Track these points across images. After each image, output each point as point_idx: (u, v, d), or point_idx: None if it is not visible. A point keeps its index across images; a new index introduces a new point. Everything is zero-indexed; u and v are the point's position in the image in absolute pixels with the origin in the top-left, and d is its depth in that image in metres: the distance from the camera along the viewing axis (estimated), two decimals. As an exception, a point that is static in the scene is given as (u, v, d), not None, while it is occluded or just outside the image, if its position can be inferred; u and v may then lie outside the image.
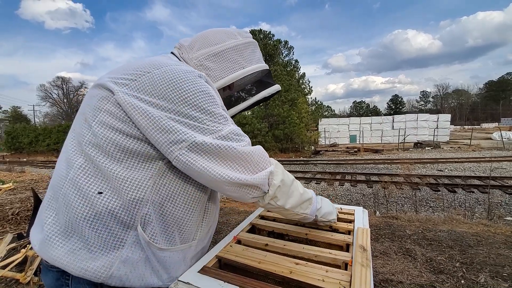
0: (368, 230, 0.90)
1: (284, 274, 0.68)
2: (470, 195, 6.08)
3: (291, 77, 20.22)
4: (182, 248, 0.72)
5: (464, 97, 68.98)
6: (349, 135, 25.29)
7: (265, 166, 0.70)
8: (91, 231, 0.62)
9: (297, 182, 0.81)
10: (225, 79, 0.84)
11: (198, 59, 0.83)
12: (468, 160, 11.07)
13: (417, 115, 25.19)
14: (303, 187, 0.83)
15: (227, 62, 0.84)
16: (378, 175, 8.65)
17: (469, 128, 44.11)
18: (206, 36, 0.86)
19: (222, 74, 0.84)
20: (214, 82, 0.82)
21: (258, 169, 0.69)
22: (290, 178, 0.77)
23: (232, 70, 0.85)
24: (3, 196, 4.35)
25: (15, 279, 2.13)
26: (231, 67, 0.85)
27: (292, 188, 0.77)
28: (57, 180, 0.68)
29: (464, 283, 2.01)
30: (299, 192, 0.79)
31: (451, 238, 2.78)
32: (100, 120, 0.63)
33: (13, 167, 15.29)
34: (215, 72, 0.83)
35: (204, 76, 0.72)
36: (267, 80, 0.99)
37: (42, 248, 0.67)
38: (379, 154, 15.19)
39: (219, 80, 0.83)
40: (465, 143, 19.70)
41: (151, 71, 0.65)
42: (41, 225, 0.69)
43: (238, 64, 0.86)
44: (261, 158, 0.70)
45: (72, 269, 0.64)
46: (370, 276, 0.64)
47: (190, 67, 0.73)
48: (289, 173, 0.79)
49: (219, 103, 0.70)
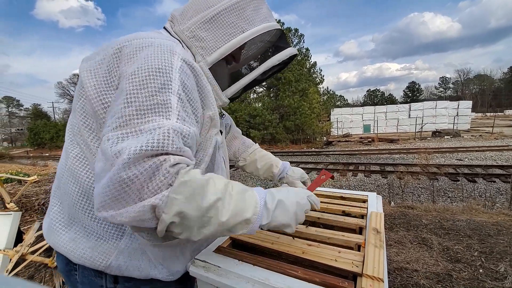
0: (382, 214, 0.90)
1: (297, 254, 0.69)
2: (491, 184, 5.83)
3: (302, 66, 19.83)
4: (176, 243, 0.68)
5: (487, 83, 65.24)
6: (362, 125, 24.66)
7: (142, 197, 0.48)
8: (91, 221, 0.65)
9: (223, 202, 0.55)
10: (221, 49, 0.70)
11: (190, 29, 0.71)
12: (490, 149, 10.57)
13: (435, 102, 24.12)
14: (240, 202, 0.58)
15: (223, 28, 0.70)
16: (393, 165, 8.45)
17: (491, 115, 41.90)
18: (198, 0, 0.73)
19: (216, 44, 0.70)
20: (208, 55, 0.70)
21: (127, 202, 0.48)
22: (203, 205, 0.52)
23: (229, 36, 0.70)
24: (29, 188, 4.62)
25: (44, 264, 2.29)
26: (227, 33, 0.70)
27: (204, 219, 0.53)
28: (59, 169, 0.72)
29: (482, 272, 1.96)
30: (221, 219, 0.54)
31: (469, 228, 2.71)
32: (80, 106, 0.64)
33: (37, 162, 16.15)
34: (209, 43, 0.70)
35: (183, 54, 0.62)
36: (278, 43, 0.82)
37: (48, 235, 0.71)
38: (394, 144, 14.77)
39: (213, 53, 0.70)
40: (486, 131, 18.77)
41: (120, 46, 0.62)
42: (48, 212, 0.73)
43: (236, 28, 0.70)
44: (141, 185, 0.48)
45: (73, 257, 0.67)
46: (383, 257, 0.64)
47: (171, 41, 0.64)
48: (215, 189, 0.55)
49: (175, 92, 0.56)
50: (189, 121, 0.58)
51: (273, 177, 1.17)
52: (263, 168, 1.17)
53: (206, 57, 0.70)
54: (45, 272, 2.38)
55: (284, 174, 1.14)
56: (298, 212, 0.65)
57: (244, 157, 1.20)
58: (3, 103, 57.57)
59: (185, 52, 0.65)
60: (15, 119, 57.80)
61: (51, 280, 2.24)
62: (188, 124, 0.57)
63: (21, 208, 3.68)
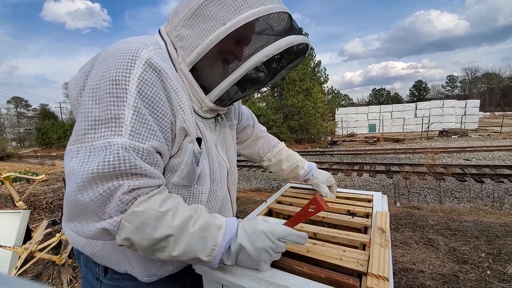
0: (387, 213, 0.89)
1: (302, 253, 0.69)
2: (499, 185, 5.73)
3: (306, 65, 19.74)
4: None
5: (495, 81, 63.98)
6: (368, 125, 24.46)
7: (97, 219, 0.52)
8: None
9: (175, 238, 0.54)
10: (198, 48, 0.61)
11: (175, 28, 0.65)
12: (498, 149, 10.38)
13: (443, 101, 23.77)
14: (195, 242, 0.55)
15: (203, 22, 0.61)
16: (399, 165, 8.36)
17: (500, 115, 41.13)
18: None
19: (194, 42, 0.62)
20: (187, 56, 0.63)
21: (85, 220, 0.53)
22: (152, 237, 0.52)
23: (208, 31, 0.60)
24: (37, 187, 4.71)
25: (52, 261, 2.33)
26: (207, 27, 0.60)
27: (156, 247, 0.54)
28: None
29: (490, 273, 1.94)
30: (172, 254, 0.54)
31: (477, 229, 2.67)
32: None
33: (44, 161, 16.42)
34: (188, 42, 0.63)
35: (151, 57, 0.57)
36: (280, 30, 0.67)
37: (64, 229, 0.78)
38: (400, 144, 14.62)
39: (191, 52, 0.62)
40: (495, 130, 18.44)
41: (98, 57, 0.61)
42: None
43: (217, 20, 0.59)
44: (92, 207, 0.50)
45: (72, 241, 0.77)
46: (388, 256, 0.64)
47: (141, 44, 0.59)
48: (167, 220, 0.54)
49: (130, 105, 0.53)
50: (147, 135, 0.55)
51: (298, 178, 1.14)
52: (289, 169, 1.14)
53: (185, 58, 0.64)
54: (53, 269, 2.42)
55: (310, 176, 1.11)
56: (264, 259, 0.59)
57: (269, 157, 1.16)
58: (12, 104, 58.71)
59: (157, 54, 0.60)
60: (23, 119, 58.90)
61: (59, 277, 2.29)
62: (145, 139, 0.54)
63: (29, 206, 3.75)
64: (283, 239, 0.60)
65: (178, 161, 0.64)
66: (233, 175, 0.89)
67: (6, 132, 39.53)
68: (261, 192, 5.60)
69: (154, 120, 0.57)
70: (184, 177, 0.66)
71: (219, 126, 0.81)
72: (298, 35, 0.64)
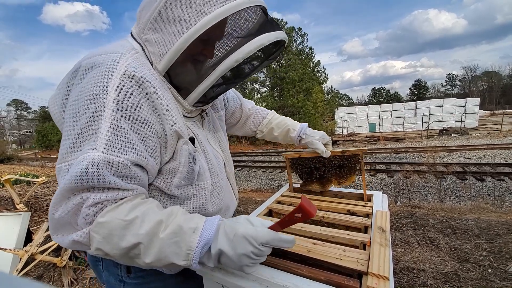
0: (388, 213, 0.89)
1: (302, 253, 0.69)
2: (500, 183, 5.72)
3: (305, 65, 19.72)
4: None
5: (495, 79, 63.94)
6: (367, 124, 24.45)
7: (71, 232, 0.54)
8: None
9: (144, 245, 0.53)
10: (168, 55, 0.59)
11: (143, 31, 0.63)
12: (498, 147, 10.36)
13: (442, 100, 23.77)
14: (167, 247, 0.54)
15: (168, 26, 0.58)
16: (399, 164, 8.35)
17: (500, 113, 41.09)
18: None
19: (163, 48, 0.59)
20: (158, 62, 0.61)
21: (63, 233, 0.55)
22: (121, 245, 0.52)
23: (175, 36, 0.57)
24: (37, 189, 4.71)
25: (53, 263, 2.33)
26: (173, 31, 0.57)
27: (129, 255, 0.54)
28: None
29: (491, 272, 1.93)
30: (145, 261, 0.54)
31: (477, 227, 2.67)
32: None
33: (45, 163, 16.43)
34: (157, 47, 0.60)
35: (130, 66, 0.56)
36: (253, 27, 0.63)
37: None
38: (400, 143, 14.60)
39: (161, 59, 0.60)
40: (495, 128, 18.42)
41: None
42: None
43: (183, 23, 0.56)
44: (63, 219, 0.53)
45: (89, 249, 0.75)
46: (389, 255, 0.64)
47: (117, 54, 0.57)
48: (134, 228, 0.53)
49: (107, 118, 0.52)
50: (124, 148, 0.54)
51: (293, 141, 1.14)
52: (281, 134, 1.15)
53: (157, 65, 0.62)
54: (54, 271, 2.42)
55: (302, 135, 1.10)
56: (246, 263, 0.55)
57: (261, 129, 1.19)
58: (12, 106, 58.81)
59: (135, 60, 0.58)
60: (23, 121, 58.98)
61: (60, 279, 2.28)
62: (121, 152, 0.53)
63: (30, 208, 3.74)
64: (267, 245, 0.56)
65: (176, 164, 0.66)
66: (229, 164, 0.91)
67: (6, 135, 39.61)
68: (261, 192, 5.60)
69: (134, 133, 0.56)
70: (185, 178, 0.68)
71: (206, 120, 0.82)
72: (272, 32, 0.59)
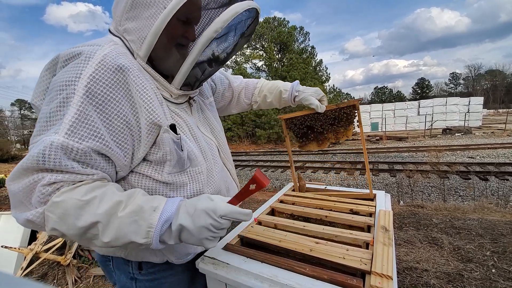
0: (391, 212, 0.89)
1: (305, 252, 0.69)
2: (503, 183, 5.67)
3: (307, 65, 19.66)
4: None
5: (499, 78, 63.29)
6: (370, 123, 24.33)
7: (25, 210, 0.54)
8: None
9: (102, 224, 0.53)
10: (148, 38, 0.60)
11: (119, 23, 0.64)
12: (503, 146, 10.26)
13: (446, 99, 23.55)
14: (126, 226, 0.54)
15: (144, 11, 0.59)
16: (402, 163, 8.31)
17: (504, 112, 40.69)
18: None
19: (142, 33, 0.61)
20: (139, 49, 0.63)
21: (18, 209, 0.55)
22: (78, 225, 0.52)
23: (152, 19, 0.59)
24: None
25: (57, 261, 2.35)
26: (149, 15, 0.59)
27: (87, 235, 0.54)
28: None
29: (495, 272, 1.92)
30: (103, 240, 0.54)
31: (481, 227, 2.64)
32: None
33: (49, 162, 16.54)
34: (136, 34, 0.62)
35: (108, 56, 0.56)
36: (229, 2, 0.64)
37: None
38: (403, 142, 14.51)
39: (142, 44, 0.62)
40: (499, 127, 18.25)
41: None
42: None
43: (157, 5, 0.58)
44: (23, 197, 0.53)
45: (100, 250, 0.79)
46: (392, 254, 0.64)
47: (96, 46, 0.59)
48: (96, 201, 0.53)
49: (75, 104, 0.53)
50: (87, 135, 0.54)
51: (287, 102, 1.11)
52: (275, 99, 1.13)
53: (138, 51, 0.63)
54: (58, 269, 2.44)
55: (294, 92, 1.07)
56: (206, 236, 0.58)
57: (254, 100, 1.17)
58: (16, 106, 59.28)
59: (114, 50, 0.59)
60: (27, 121, 59.40)
61: (64, 277, 2.31)
62: (82, 139, 0.53)
63: (34, 207, 3.78)
64: (226, 217, 0.59)
65: (162, 154, 0.65)
66: (224, 151, 0.89)
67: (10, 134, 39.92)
68: (263, 192, 5.60)
69: (101, 121, 0.56)
70: (175, 165, 0.68)
71: (195, 108, 0.81)
72: (242, 1, 0.62)
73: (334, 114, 1.06)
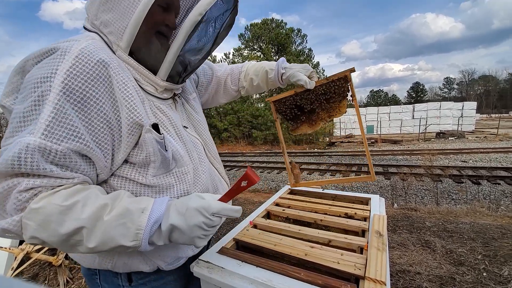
0: (385, 216, 0.90)
1: (299, 256, 0.70)
2: (495, 187, 5.77)
3: (305, 67, 19.75)
4: None
5: (492, 84, 64.48)
6: (365, 126, 24.54)
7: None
8: None
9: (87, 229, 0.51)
10: (128, 28, 0.58)
11: (96, 17, 0.61)
12: (495, 151, 10.45)
13: (440, 103, 23.90)
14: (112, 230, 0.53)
15: (121, 0, 0.58)
16: (396, 166, 8.39)
17: (496, 117, 41.45)
18: None
19: (122, 24, 0.59)
20: (120, 40, 0.60)
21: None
22: (61, 232, 0.50)
23: (131, 8, 0.57)
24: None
25: (48, 262, 2.31)
26: (127, 5, 0.58)
27: (70, 242, 0.52)
28: None
29: (486, 275, 1.95)
30: (88, 245, 0.52)
31: (473, 230, 2.69)
32: None
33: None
34: (115, 25, 0.60)
35: (85, 50, 0.53)
36: None
37: (71, 254, 0.78)
38: (397, 145, 14.67)
39: (123, 35, 0.59)
40: (491, 132, 18.57)
41: None
42: None
43: None
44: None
45: (85, 263, 0.74)
46: (386, 260, 0.64)
47: (73, 41, 0.56)
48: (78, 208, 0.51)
49: (51, 102, 0.50)
50: (65, 135, 0.51)
51: (275, 82, 1.01)
52: (262, 81, 1.03)
53: (119, 43, 0.61)
54: (50, 270, 2.40)
55: (281, 69, 0.98)
56: (198, 235, 0.58)
57: (241, 85, 1.08)
58: (9, 103, 58.30)
59: (91, 44, 0.56)
60: (20, 118, 58.52)
61: (55, 278, 2.27)
62: (61, 139, 0.50)
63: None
64: (218, 214, 0.59)
65: (145, 155, 0.62)
66: (210, 149, 0.86)
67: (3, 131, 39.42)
68: (259, 193, 5.59)
69: (80, 120, 0.53)
70: (160, 167, 0.65)
71: (180, 105, 0.79)
72: None
73: (324, 90, 0.97)
